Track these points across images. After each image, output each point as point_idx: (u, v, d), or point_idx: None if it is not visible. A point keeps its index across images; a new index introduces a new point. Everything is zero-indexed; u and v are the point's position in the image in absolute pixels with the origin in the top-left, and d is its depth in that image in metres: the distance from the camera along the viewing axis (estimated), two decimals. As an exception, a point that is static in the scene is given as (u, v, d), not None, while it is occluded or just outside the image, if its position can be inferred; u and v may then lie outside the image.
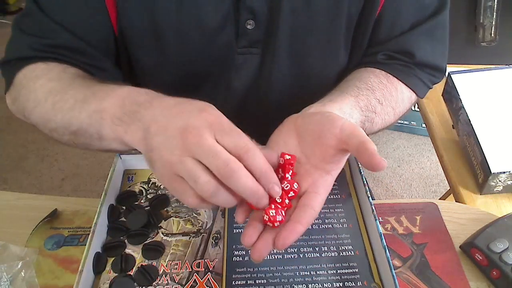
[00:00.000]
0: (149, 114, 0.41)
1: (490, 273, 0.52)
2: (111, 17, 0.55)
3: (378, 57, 0.62)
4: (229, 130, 0.39)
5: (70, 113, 0.48)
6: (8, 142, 1.91)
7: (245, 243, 0.40)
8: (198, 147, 0.37)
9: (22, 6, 2.63)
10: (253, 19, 0.55)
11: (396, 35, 0.61)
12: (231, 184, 0.37)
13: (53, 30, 0.54)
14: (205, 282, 0.47)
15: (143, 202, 0.56)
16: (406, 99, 0.63)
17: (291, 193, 0.41)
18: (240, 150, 0.37)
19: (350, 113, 0.52)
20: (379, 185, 1.75)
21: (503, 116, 0.78)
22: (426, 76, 0.63)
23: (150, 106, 0.42)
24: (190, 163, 0.37)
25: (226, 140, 0.38)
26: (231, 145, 0.37)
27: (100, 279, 0.48)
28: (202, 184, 0.36)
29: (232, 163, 0.36)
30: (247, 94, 0.64)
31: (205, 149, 0.37)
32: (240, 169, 0.36)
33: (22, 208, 0.62)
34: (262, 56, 0.60)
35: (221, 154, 0.36)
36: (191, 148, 0.37)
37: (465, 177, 0.78)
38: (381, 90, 0.58)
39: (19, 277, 0.51)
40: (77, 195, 1.70)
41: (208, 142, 0.37)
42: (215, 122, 0.39)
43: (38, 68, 0.54)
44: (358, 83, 0.57)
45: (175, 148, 0.38)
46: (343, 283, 0.47)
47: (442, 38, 0.63)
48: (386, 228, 0.58)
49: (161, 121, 0.40)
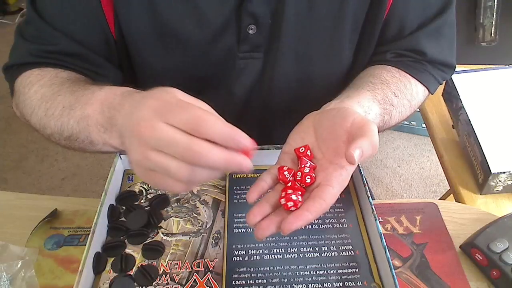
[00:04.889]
0: (121, 117, 0.41)
1: (490, 273, 0.52)
2: (109, 21, 0.55)
3: (387, 56, 0.62)
4: (176, 107, 0.37)
5: (61, 120, 0.49)
6: (8, 142, 1.91)
7: (248, 220, 0.40)
8: (154, 140, 0.36)
9: (22, 6, 2.63)
10: (255, 24, 0.55)
11: (405, 34, 0.61)
12: (201, 165, 0.36)
13: (53, 36, 0.55)
14: (205, 282, 0.47)
15: (143, 202, 0.56)
16: (420, 93, 0.63)
17: (307, 179, 0.43)
18: (193, 125, 0.35)
19: (369, 106, 0.52)
20: (379, 185, 1.75)
21: (503, 116, 0.78)
22: (437, 72, 0.64)
23: (122, 108, 0.42)
24: (154, 157, 0.36)
25: (176, 120, 0.36)
26: (183, 123, 0.36)
27: (100, 279, 0.48)
28: (175, 173, 0.36)
29: (192, 145, 0.35)
30: (249, 98, 0.64)
31: (161, 140, 0.36)
32: (202, 148, 0.35)
33: (22, 208, 0.62)
34: (264, 60, 0.60)
35: (178, 140, 0.35)
36: (148, 142, 0.36)
37: (465, 177, 0.78)
38: (395, 83, 0.59)
39: (19, 277, 0.51)
40: (77, 195, 1.70)
41: (161, 132, 0.36)
42: (160, 106, 0.37)
43: (33, 74, 0.55)
44: (372, 79, 0.58)
45: (137, 146, 0.37)
46: (343, 283, 0.47)
47: (449, 36, 0.64)
48: (386, 228, 0.58)
49: (127, 122, 0.40)
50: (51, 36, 0.55)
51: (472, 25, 1.06)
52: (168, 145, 0.35)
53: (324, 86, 0.64)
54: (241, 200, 0.56)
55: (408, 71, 0.61)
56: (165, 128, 0.36)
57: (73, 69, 0.56)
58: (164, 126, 0.36)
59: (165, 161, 0.36)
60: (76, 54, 0.55)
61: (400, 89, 0.59)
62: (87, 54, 0.56)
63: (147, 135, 0.36)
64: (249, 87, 0.63)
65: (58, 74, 0.54)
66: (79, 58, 0.56)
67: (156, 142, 0.36)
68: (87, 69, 0.57)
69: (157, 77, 0.61)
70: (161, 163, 0.36)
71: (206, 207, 0.55)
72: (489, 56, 1.08)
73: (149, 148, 0.36)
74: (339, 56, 0.62)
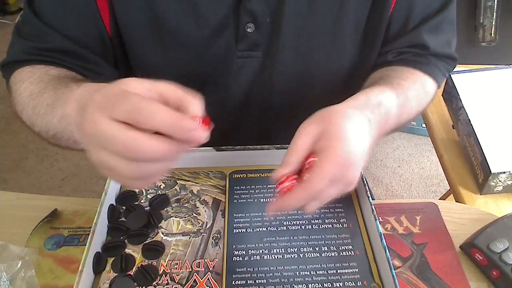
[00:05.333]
0: (77, 115, 0.40)
1: (490, 273, 0.52)
2: (104, 19, 0.55)
3: (389, 57, 0.62)
4: (118, 99, 0.34)
5: (46, 118, 0.48)
6: (8, 142, 1.91)
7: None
8: (96, 138, 0.34)
9: (22, 6, 2.62)
10: (253, 22, 0.55)
11: (408, 30, 0.61)
12: (142, 159, 0.33)
13: (47, 34, 0.55)
14: (205, 282, 0.47)
15: (143, 202, 0.56)
16: (429, 85, 0.62)
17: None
18: (134, 116, 0.33)
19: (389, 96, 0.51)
20: (379, 185, 1.75)
21: (503, 116, 0.78)
22: (442, 64, 0.64)
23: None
24: (102, 156, 0.34)
25: (118, 113, 0.33)
26: (124, 116, 0.33)
27: (100, 279, 0.48)
28: (122, 172, 0.34)
29: (127, 140, 0.32)
30: (248, 97, 0.64)
31: (101, 138, 0.33)
32: (138, 141, 0.32)
33: (22, 208, 0.62)
34: (263, 59, 0.60)
35: (115, 136, 0.33)
36: (92, 140, 0.34)
37: (465, 177, 0.78)
38: (406, 78, 0.58)
39: (19, 277, 0.51)
40: (77, 195, 1.70)
41: (101, 128, 0.33)
42: (104, 100, 0.34)
43: (24, 72, 0.55)
44: (380, 81, 0.57)
45: (87, 146, 0.36)
46: (343, 283, 0.47)
47: (450, 31, 0.64)
48: (386, 228, 0.58)
49: (78, 120, 0.39)
50: (46, 34, 0.55)
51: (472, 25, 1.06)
52: (107, 143, 0.33)
53: (324, 86, 0.64)
54: (241, 200, 0.56)
55: (412, 65, 0.61)
56: (105, 124, 0.33)
57: (67, 66, 0.56)
58: (104, 122, 0.33)
59: (110, 160, 0.34)
60: (70, 52, 0.55)
61: (412, 80, 0.58)
62: (81, 52, 0.56)
63: (90, 133, 0.34)
64: (248, 86, 0.63)
65: (48, 71, 0.54)
66: (73, 56, 0.56)
67: (98, 140, 0.34)
68: (82, 67, 0.56)
69: (154, 75, 0.61)
70: (107, 163, 0.34)
71: (206, 207, 0.55)
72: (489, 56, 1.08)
73: (95, 146, 0.34)
74: (340, 55, 0.61)
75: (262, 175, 0.59)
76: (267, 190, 0.57)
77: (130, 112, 0.32)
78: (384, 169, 1.81)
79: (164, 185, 0.57)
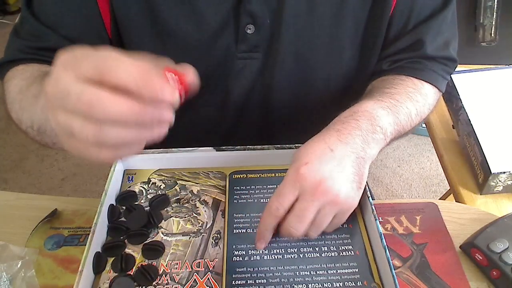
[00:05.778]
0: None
1: (490, 273, 0.52)
2: (105, 20, 0.55)
3: (383, 66, 0.62)
4: (83, 56, 0.31)
5: (31, 110, 0.47)
6: (8, 142, 1.91)
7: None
8: (58, 96, 0.31)
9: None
10: (253, 23, 0.55)
11: (407, 32, 0.61)
12: (99, 117, 0.30)
13: (44, 33, 0.55)
14: (205, 282, 0.47)
15: (143, 202, 0.56)
16: (428, 92, 0.62)
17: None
18: (99, 72, 0.30)
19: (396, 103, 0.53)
20: (379, 185, 1.75)
21: (503, 116, 0.78)
22: (440, 67, 0.63)
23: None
24: (63, 120, 0.31)
25: (83, 68, 0.30)
26: (89, 70, 0.30)
27: (100, 279, 0.48)
28: (78, 133, 0.31)
29: (83, 94, 0.29)
30: (248, 99, 0.64)
31: (63, 96, 0.30)
32: (103, 99, 0.29)
33: (22, 208, 0.62)
34: (263, 61, 0.60)
35: (77, 94, 0.30)
36: (54, 101, 0.32)
37: (465, 177, 0.78)
38: (403, 87, 0.58)
39: (19, 277, 0.51)
40: (77, 195, 1.70)
41: (64, 86, 0.30)
42: (68, 58, 0.32)
43: (17, 70, 0.55)
44: (377, 91, 0.57)
45: (49, 108, 0.33)
46: (343, 283, 0.47)
47: (449, 31, 0.63)
48: (386, 228, 0.58)
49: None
50: (43, 33, 0.55)
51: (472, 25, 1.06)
52: (69, 101, 0.30)
53: (324, 87, 0.64)
54: (241, 200, 0.56)
55: (407, 73, 0.61)
56: (68, 80, 0.30)
57: None
58: (67, 79, 0.30)
59: (71, 122, 0.31)
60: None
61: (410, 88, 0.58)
62: None
63: (51, 91, 0.31)
64: (248, 88, 0.63)
65: (41, 68, 0.54)
66: None
67: (61, 100, 0.31)
68: None
69: None
70: (69, 126, 0.31)
71: (206, 207, 0.55)
72: (489, 56, 1.08)
73: (57, 108, 0.32)
74: (340, 57, 0.61)
75: (262, 175, 0.59)
76: (267, 190, 0.57)
77: (95, 67, 0.30)
78: (384, 169, 1.80)
79: (164, 185, 0.57)
